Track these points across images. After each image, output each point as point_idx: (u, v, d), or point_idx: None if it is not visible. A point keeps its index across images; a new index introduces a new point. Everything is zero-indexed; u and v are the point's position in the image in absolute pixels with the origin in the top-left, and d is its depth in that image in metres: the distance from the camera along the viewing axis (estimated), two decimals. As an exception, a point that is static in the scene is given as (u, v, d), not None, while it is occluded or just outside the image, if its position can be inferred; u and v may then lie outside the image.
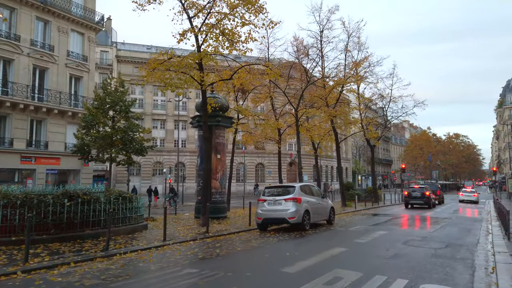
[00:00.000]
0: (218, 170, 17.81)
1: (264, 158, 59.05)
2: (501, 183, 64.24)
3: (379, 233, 12.37)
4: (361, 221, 16.69)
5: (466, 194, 38.52)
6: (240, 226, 13.99)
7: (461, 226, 15.49)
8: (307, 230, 12.74)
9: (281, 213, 12.60)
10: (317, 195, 14.45)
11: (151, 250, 9.12)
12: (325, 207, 14.59)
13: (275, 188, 14.08)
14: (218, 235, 11.67)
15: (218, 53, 14.47)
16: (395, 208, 27.07)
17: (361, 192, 35.84)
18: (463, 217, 19.92)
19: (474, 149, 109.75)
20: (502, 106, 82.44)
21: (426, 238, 11.56)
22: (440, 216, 20.04)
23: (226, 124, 18.28)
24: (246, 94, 23.75)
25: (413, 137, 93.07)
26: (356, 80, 27.49)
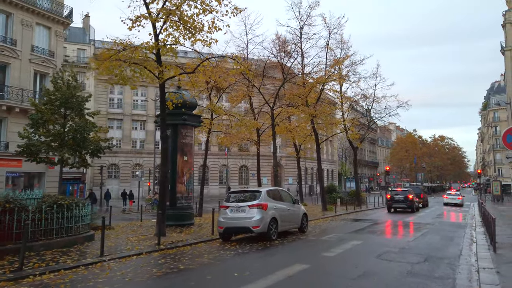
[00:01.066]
0: (184, 173, 16.38)
1: (248, 160, 57.62)
2: (485, 186, 64.16)
3: (353, 243, 11.11)
4: (338, 228, 15.44)
5: (451, 197, 37.79)
6: (202, 236, 12.59)
7: (444, 233, 14.37)
8: (274, 240, 11.40)
9: (244, 222, 11.24)
10: (287, 200, 13.14)
11: (79, 269, 7.66)
12: (296, 214, 13.29)
13: (239, 193, 12.72)
14: (170, 248, 10.25)
15: (179, 44, 13.08)
16: (378, 212, 25.99)
17: (344, 195, 34.81)
18: (447, 223, 18.88)
19: (459, 151, 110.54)
20: (487, 109, 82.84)
21: (403, 249, 10.34)
22: (422, 222, 18.96)
23: (193, 123, 16.86)
24: (221, 92, 22.37)
25: (399, 139, 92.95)
26: (338, 79, 26.41)
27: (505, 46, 44.10)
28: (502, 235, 13.20)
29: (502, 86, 67.88)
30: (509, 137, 9.81)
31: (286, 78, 20.49)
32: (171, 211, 15.82)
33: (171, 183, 16.00)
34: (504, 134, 9.93)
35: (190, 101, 16.63)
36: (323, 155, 75.90)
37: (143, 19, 11.88)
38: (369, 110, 32.66)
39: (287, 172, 62.96)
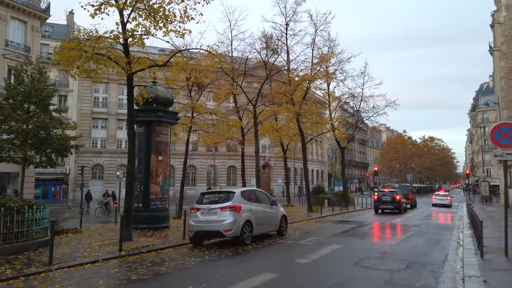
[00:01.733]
0: (159, 173, 15.47)
1: (236, 161, 56.64)
2: (474, 186, 64.23)
3: (332, 247, 10.35)
4: (320, 231, 14.69)
5: (439, 198, 37.41)
6: (172, 240, 11.72)
7: (430, 235, 13.71)
8: (248, 244, 10.58)
9: (215, 225, 10.41)
10: (264, 202, 12.34)
11: (17, 280, 6.75)
12: (274, 216, 12.49)
13: (211, 194, 11.90)
14: (132, 254, 9.37)
15: (150, 34, 12.21)
16: (365, 214, 25.35)
17: (332, 196, 34.18)
18: (434, 224, 18.26)
19: (448, 152, 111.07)
20: (476, 110, 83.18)
21: (385, 254, 9.61)
22: (409, 223, 18.32)
23: (169, 120, 15.96)
24: (202, 89, 21.50)
25: (388, 140, 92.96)
26: (325, 77, 25.74)
27: (494, 46, 43.94)
28: (490, 237, 12.58)
29: (491, 87, 68.09)
30: (497, 134, 9.15)
31: (269, 75, 19.66)
32: (144, 214, 14.94)
33: (144, 184, 15.12)
34: (492, 130, 9.27)
35: (164, 97, 15.70)
36: (312, 156, 75.37)
37: (108, 6, 10.99)
38: (357, 109, 32.08)
39: (276, 172, 62.22)
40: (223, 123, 21.48)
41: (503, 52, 42.68)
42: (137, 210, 15.10)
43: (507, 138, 9.06)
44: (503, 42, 42.86)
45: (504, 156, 9.08)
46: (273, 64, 22.61)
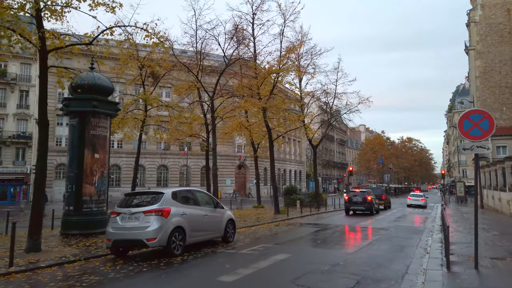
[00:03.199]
0: (94, 172, 13.52)
1: (211, 161, 54.59)
2: (450, 187, 64.30)
3: (276, 258, 8.72)
4: (275, 236, 13.06)
5: (414, 198, 36.57)
6: (92, 250, 9.85)
7: (396, 241, 12.29)
8: (177, 255, 8.84)
9: (136, 233, 8.62)
10: (204, 204, 10.61)
11: None
12: (217, 221, 10.78)
13: (136, 195, 10.10)
14: (23, 271, 7.50)
15: (72, 7, 10.35)
16: (335, 216, 23.96)
17: (304, 197, 32.81)
18: (404, 227, 16.93)
19: (426, 153, 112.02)
20: (452, 111, 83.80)
21: (336, 266, 8.05)
22: (377, 226, 16.94)
23: (107, 111, 14.03)
24: (157, 80, 19.62)
25: (367, 140, 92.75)
26: (295, 69, 24.24)
27: (469, 45, 43.63)
28: (461, 243, 11.24)
29: (467, 88, 68.45)
30: (466, 123, 7.73)
31: (228, 64, 17.86)
32: (75, 218, 12.99)
33: (76, 184, 13.18)
34: (461, 119, 7.85)
35: (102, 84, 13.79)
36: (290, 156, 74.15)
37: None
38: (330, 106, 30.78)
39: (253, 172, 60.42)
40: (180, 117, 19.64)
41: (478, 51, 42.39)
42: (68, 213, 13.20)
43: (478, 128, 7.64)
44: (479, 41, 42.57)
45: (474, 149, 7.66)
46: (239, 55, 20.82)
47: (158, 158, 51.64)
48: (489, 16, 42.49)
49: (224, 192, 52.63)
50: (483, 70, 41.84)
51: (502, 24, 41.91)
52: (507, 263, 8.16)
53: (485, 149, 7.58)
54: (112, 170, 46.95)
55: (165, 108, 20.09)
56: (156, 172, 51.42)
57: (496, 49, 42.09)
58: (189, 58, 21.70)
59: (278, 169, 68.44)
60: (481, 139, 7.60)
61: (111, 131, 18.44)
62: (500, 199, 25.24)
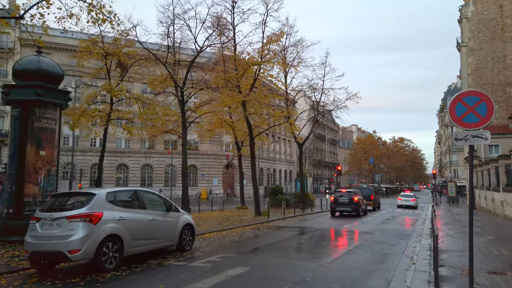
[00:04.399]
0: (38, 169, 11.85)
1: (197, 160, 53.09)
2: (442, 187, 63.38)
3: (229, 273, 7.16)
4: (243, 242, 11.50)
5: (404, 198, 35.28)
6: (13, 263, 8.21)
7: (379, 248, 10.81)
8: (110, 270, 7.24)
9: (57, 243, 7.01)
10: (153, 207, 9.01)
11: None
12: (169, 226, 9.19)
13: (62, 196, 8.49)
14: None
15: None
16: (320, 217, 22.49)
17: (291, 197, 31.34)
18: (390, 231, 15.47)
19: (418, 153, 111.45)
20: (444, 111, 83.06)
21: (300, 284, 6.52)
22: (362, 230, 15.48)
23: (55, 100, 12.34)
24: (125, 71, 17.95)
25: (358, 140, 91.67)
26: (282, 64, 22.76)
27: (461, 42, 42.52)
28: (452, 251, 9.79)
29: (458, 87, 67.62)
30: (460, 108, 6.25)
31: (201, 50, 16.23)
32: (15, 222, 11.27)
33: (17, 184, 11.51)
34: (452, 103, 6.38)
35: (50, 71, 12.11)
36: (280, 155, 72.71)
37: None
38: (317, 102, 29.34)
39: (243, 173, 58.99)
40: (150, 111, 17.98)
41: (470, 48, 41.26)
42: (8, 217, 11.51)
43: (473, 114, 6.16)
44: (471, 38, 41.45)
45: (469, 139, 6.17)
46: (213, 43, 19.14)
47: (142, 157, 49.84)
48: (482, 12, 41.41)
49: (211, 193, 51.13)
50: (475, 68, 40.73)
51: (494, 20, 40.84)
52: (508, 279, 6.70)
53: (482, 139, 6.10)
54: (94, 170, 45.25)
55: (134, 102, 18.43)
56: (140, 171, 49.63)
57: (489, 46, 41.00)
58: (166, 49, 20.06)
59: (267, 169, 67.02)
60: (478, 127, 6.13)
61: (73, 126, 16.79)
62: (493, 199, 23.99)
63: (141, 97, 17.95)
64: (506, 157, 20.28)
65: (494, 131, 36.34)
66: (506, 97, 37.59)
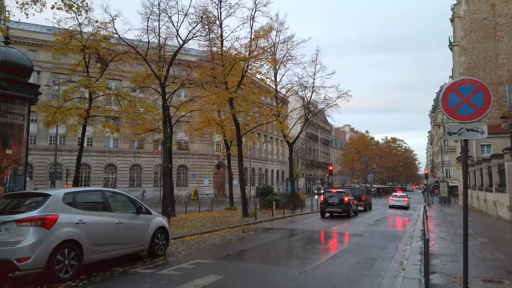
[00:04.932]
0: (4, 170, 11.02)
1: (187, 160, 52.18)
2: (434, 187, 63.26)
3: (198, 283, 6.43)
4: (223, 246, 10.78)
5: (396, 199, 34.83)
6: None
7: (368, 251, 10.16)
8: (65, 279, 6.47)
9: (4, 250, 6.22)
10: (120, 209, 8.25)
11: None
12: (139, 230, 8.43)
13: (14, 198, 7.69)
14: None
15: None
16: (309, 218, 21.85)
17: (281, 197, 30.71)
18: (381, 232, 14.86)
19: (410, 153, 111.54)
20: (436, 111, 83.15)
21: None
22: (351, 232, 14.84)
23: (23, 94, 11.51)
24: (105, 65, 17.12)
25: (351, 140, 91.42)
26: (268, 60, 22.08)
27: (453, 41, 42.24)
28: (444, 255, 9.17)
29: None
30: (453, 99, 5.61)
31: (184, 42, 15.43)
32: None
33: (-22, 182, 10.67)
34: (445, 93, 5.74)
35: (17, 62, 11.32)
36: (273, 156, 72.07)
37: None
38: (308, 101, 28.73)
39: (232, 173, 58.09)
40: (132, 108, 17.15)
41: (462, 47, 40.97)
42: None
43: (468, 105, 5.53)
44: (463, 37, 41.17)
45: (463, 133, 5.53)
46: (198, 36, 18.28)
47: (131, 157, 48.78)
48: (474, 11, 41.17)
49: (201, 193, 50.26)
50: (467, 67, 40.42)
51: (486, 19, 40.62)
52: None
53: (477, 133, 5.47)
54: (81, 170, 44.25)
55: (115, 98, 17.60)
56: (128, 172, 48.57)
57: (481, 45, 40.74)
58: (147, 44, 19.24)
59: (259, 169, 66.38)
60: (473, 120, 5.48)
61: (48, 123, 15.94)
62: (485, 200, 23.55)
63: (121, 93, 17.12)
64: (499, 156, 19.80)
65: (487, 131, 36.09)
66: (498, 96, 37.24)
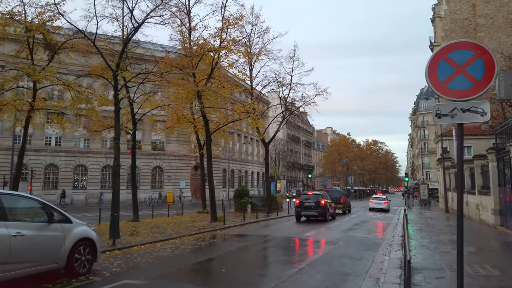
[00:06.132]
0: None
1: (163, 161, 50.00)
2: (414, 189, 62.99)
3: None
4: (169, 260, 9.08)
5: (376, 201, 33.78)
6: None
7: (339, 265, 8.65)
8: None
9: None
10: (22, 217, 6.46)
11: None
12: (50, 243, 6.64)
13: None
14: None
15: None
16: (283, 223, 20.35)
17: (257, 200, 29.19)
18: (357, 239, 13.41)
19: (391, 156, 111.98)
20: (416, 113, 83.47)
21: None
22: (325, 238, 13.35)
23: None
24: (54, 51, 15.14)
25: (332, 142, 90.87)
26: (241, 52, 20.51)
27: (434, 41, 41.76)
28: (428, 269, 7.72)
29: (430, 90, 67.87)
30: (444, 69, 4.14)
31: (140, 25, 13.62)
32: None
33: None
34: (433, 61, 4.25)
35: None
36: (253, 157, 70.46)
37: None
38: (285, 98, 27.34)
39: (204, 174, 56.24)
40: (82, 101, 15.21)
41: (443, 48, 40.54)
42: None
43: (464, 76, 4.04)
44: (444, 37, 40.62)
45: (456, 114, 4.04)
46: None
47: (103, 158, 46.20)
48: (455, 11, 40.76)
49: (178, 195, 48.24)
50: (448, 68, 39.89)
51: (467, 20, 40.25)
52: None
53: (477, 115, 4.00)
54: (48, 171, 41.70)
55: (66, 90, 15.62)
56: (100, 173, 45.99)
57: (461, 46, 40.34)
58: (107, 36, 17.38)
59: (239, 171, 64.65)
60: (471, 97, 4.01)
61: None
62: (467, 203, 22.56)
63: (70, 83, 15.17)
64: (482, 157, 18.78)
65: (467, 132, 35.39)
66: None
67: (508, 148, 13.36)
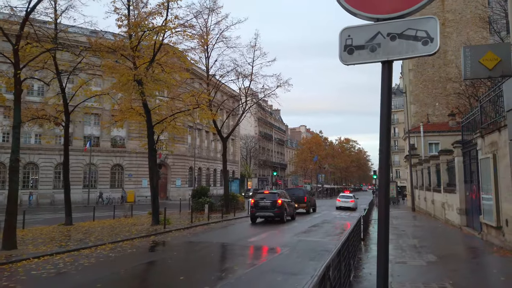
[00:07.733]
0: None
1: (123, 159, 46.92)
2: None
3: None
4: (41, 280, 6.93)
5: (343, 200, 32.50)
6: None
7: (265, 285, 6.75)
8: None
9: None
10: None
11: None
12: None
13: None
14: None
15: None
16: (236, 225, 18.40)
17: (215, 200, 27.16)
18: (307, 245, 11.53)
19: (364, 154, 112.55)
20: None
21: None
22: (270, 244, 11.45)
23: None
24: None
25: (304, 140, 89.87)
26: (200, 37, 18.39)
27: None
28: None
29: (401, 87, 67.81)
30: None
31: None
32: None
33: None
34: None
35: None
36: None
37: None
38: (245, 90, 25.43)
39: (175, 172, 53.64)
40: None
41: (412, 43, 39.81)
42: None
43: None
44: (412, 32, 39.98)
45: (379, 44, 2.08)
46: None
47: (57, 155, 42.69)
48: (423, 6, 40.10)
49: (139, 195, 45.36)
50: (416, 63, 39.04)
51: (436, 14, 39.52)
52: None
53: (417, 44, 2.03)
54: (28, 169, 38.49)
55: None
56: (53, 171, 42.55)
57: (430, 41, 39.71)
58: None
59: (207, 169, 62.29)
60: (406, 10, 2.10)
61: None
62: (433, 201, 21.37)
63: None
64: (448, 152, 17.48)
65: (435, 129, 34.71)
66: (446, 94, 36.15)
67: (475, 141, 11.91)
